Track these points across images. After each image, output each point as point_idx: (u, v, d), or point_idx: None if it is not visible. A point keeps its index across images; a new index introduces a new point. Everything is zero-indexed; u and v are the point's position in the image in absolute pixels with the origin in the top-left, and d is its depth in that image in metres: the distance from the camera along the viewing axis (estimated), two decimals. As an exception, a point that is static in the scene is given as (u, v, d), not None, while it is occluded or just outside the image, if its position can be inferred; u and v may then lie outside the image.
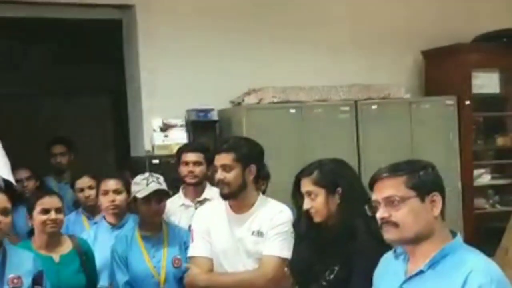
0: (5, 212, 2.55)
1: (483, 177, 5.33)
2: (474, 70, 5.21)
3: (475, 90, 5.19)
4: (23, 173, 4.30)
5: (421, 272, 1.79)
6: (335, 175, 2.43)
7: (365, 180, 2.00)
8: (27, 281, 2.60)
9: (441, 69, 5.27)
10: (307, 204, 2.41)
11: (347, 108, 4.85)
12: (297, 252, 2.54)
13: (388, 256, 1.95)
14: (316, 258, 2.39)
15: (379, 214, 1.83)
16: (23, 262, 2.64)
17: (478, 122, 5.39)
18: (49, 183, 4.61)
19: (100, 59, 6.10)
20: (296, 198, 2.49)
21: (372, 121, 4.89)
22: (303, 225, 2.48)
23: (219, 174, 2.72)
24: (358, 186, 2.45)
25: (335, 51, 5.25)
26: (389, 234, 1.83)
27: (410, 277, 1.81)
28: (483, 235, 4.68)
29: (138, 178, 3.21)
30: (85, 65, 6.29)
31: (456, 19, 5.49)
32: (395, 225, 1.81)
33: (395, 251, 1.93)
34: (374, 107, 4.92)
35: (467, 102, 5.13)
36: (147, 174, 3.23)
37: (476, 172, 5.23)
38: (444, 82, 5.21)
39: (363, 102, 4.91)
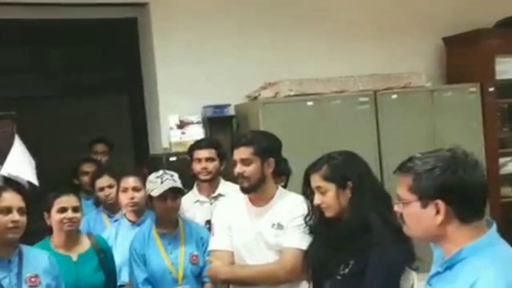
0: (22, 211, 2.57)
1: (509, 165, 5.24)
2: (497, 55, 5.11)
3: (499, 76, 5.11)
4: (89, 167, 4.41)
5: (438, 272, 1.74)
6: (345, 169, 2.38)
7: (387, 173, 1.93)
8: (44, 279, 2.62)
9: (463, 55, 5.18)
10: (317, 199, 2.39)
11: (366, 99, 4.78)
12: (311, 248, 2.51)
13: None
14: (331, 253, 2.36)
15: (394, 208, 1.79)
16: (39, 261, 2.67)
17: (502, 109, 5.29)
18: None
19: (116, 58, 6.12)
20: (306, 193, 2.46)
21: (393, 112, 4.80)
22: (315, 220, 2.46)
23: (238, 168, 2.75)
24: (369, 179, 2.41)
25: (353, 40, 5.18)
26: (404, 229, 1.79)
27: (434, 275, 1.76)
28: (510, 224, 4.58)
29: (152, 176, 3.24)
30: (102, 65, 6.31)
31: (477, 4, 5.37)
32: (405, 222, 1.76)
33: None
34: (394, 97, 4.84)
35: (491, 89, 5.04)
36: (161, 172, 3.25)
37: (501, 160, 5.15)
38: (466, 69, 5.12)
39: (383, 92, 4.83)
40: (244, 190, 2.78)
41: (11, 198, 2.59)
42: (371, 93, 4.80)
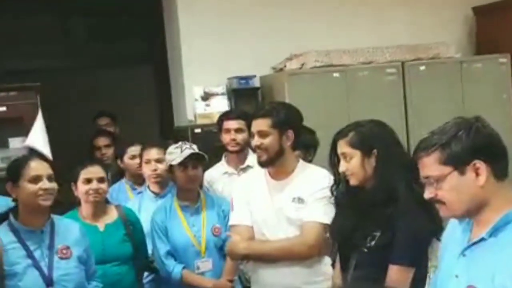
0: (50, 178, 2.58)
1: (539, 137, 5.13)
2: (529, 25, 4.99)
3: (530, 46, 4.99)
4: (103, 141, 4.42)
5: (483, 239, 1.68)
6: (371, 137, 2.33)
7: (414, 146, 1.88)
8: (75, 250, 2.63)
9: (493, 25, 5.08)
10: (342, 166, 2.35)
11: (393, 70, 4.71)
12: (336, 219, 2.46)
13: (455, 220, 1.84)
14: (357, 224, 2.32)
15: (425, 195, 1.73)
16: (70, 232, 2.68)
17: (533, 80, 5.17)
18: None
19: (141, 29, 6.09)
20: (333, 161, 2.42)
21: (421, 83, 4.73)
22: (341, 189, 2.42)
23: (256, 140, 2.68)
24: (396, 149, 2.36)
25: (380, 10, 5.09)
26: (441, 212, 1.74)
27: (472, 244, 1.71)
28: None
29: (171, 147, 3.22)
30: (127, 37, 6.30)
31: (509, -28, 5.21)
32: (443, 203, 1.70)
33: None
34: (422, 68, 4.76)
35: (522, 60, 4.93)
36: (180, 143, 3.24)
37: (531, 132, 5.04)
38: (496, 40, 5.02)
39: (411, 63, 4.76)
40: (262, 163, 2.70)
41: (39, 166, 2.59)
42: (399, 64, 4.73)
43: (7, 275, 2.48)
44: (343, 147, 2.34)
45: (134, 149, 3.87)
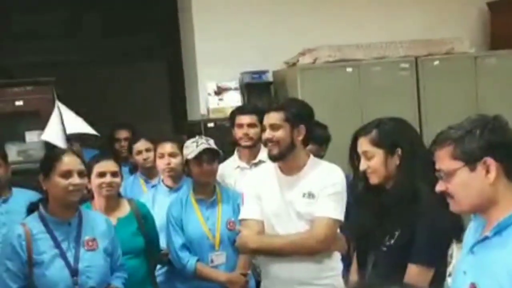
0: (81, 174, 2.60)
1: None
2: (544, 20, 4.95)
3: (545, 42, 4.94)
4: (123, 134, 4.49)
5: (487, 238, 1.69)
6: (395, 135, 2.30)
7: (427, 142, 1.88)
8: (102, 243, 2.67)
9: (508, 20, 5.02)
10: (363, 164, 2.30)
11: (407, 65, 4.69)
12: (355, 217, 2.45)
13: (476, 217, 1.84)
14: (376, 223, 2.29)
15: (436, 188, 1.75)
16: (97, 224, 2.71)
17: (549, 75, 5.12)
18: None
19: (155, 24, 6.11)
20: (353, 159, 2.38)
21: (434, 78, 4.71)
22: (360, 187, 2.37)
23: (267, 133, 2.68)
24: (419, 147, 2.32)
25: (394, 4, 5.07)
26: (450, 206, 1.75)
27: (479, 241, 1.72)
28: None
29: (188, 142, 3.25)
30: (140, 31, 6.32)
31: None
32: (452, 197, 1.72)
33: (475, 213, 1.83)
34: (436, 63, 4.74)
35: (537, 55, 4.89)
36: (196, 137, 3.26)
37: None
38: (511, 35, 4.95)
39: (424, 58, 4.74)
40: (273, 157, 2.69)
41: (71, 161, 2.61)
42: (412, 59, 4.71)
43: (35, 263, 2.53)
44: (364, 145, 2.30)
45: (139, 145, 3.91)
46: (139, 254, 3.08)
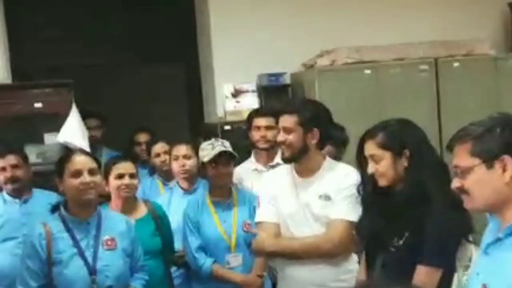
0: (93, 172, 2.63)
1: None
2: None
3: None
4: (143, 137, 4.53)
5: (499, 239, 1.68)
6: (402, 137, 2.29)
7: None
8: (121, 242, 2.68)
9: (529, 21, 4.97)
10: (371, 168, 2.30)
11: (426, 67, 4.63)
12: (364, 218, 2.43)
13: (493, 218, 1.83)
14: (385, 224, 2.29)
15: (452, 184, 1.74)
16: (116, 224, 2.73)
17: None
18: None
19: (173, 27, 6.14)
20: (360, 162, 2.38)
21: (454, 80, 4.64)
22: (368, 190, 2.37)
23: (280, 136, 2.69)
24: (427, 148, 2.31)
25: (413, 5, 5.02)
26: (465, 203, 1.74)
27: (492, 243, 1.71)
28: None
29: (204, 144, 3.27)
30: (158, 34, 6.35)
31: (546, -32, 5.11)
32: (468, 193, 1.70)
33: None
34: (456, 64, 4.68)
35: (558, 57, 4.83)
36: (213, 140, 3.27)
37: None
38: (533, 36, 4.92)
39: (444, 60, 4.68)
40: (285, 160, 2.71)
41: (81, 161, 2.64)
42: (432, 61, 4.65)
43: (54, 262, 2.56)
44: (371, 148, 2.30)
45: (157, 147, 3.97)
46: (156, 255, 3.10)
